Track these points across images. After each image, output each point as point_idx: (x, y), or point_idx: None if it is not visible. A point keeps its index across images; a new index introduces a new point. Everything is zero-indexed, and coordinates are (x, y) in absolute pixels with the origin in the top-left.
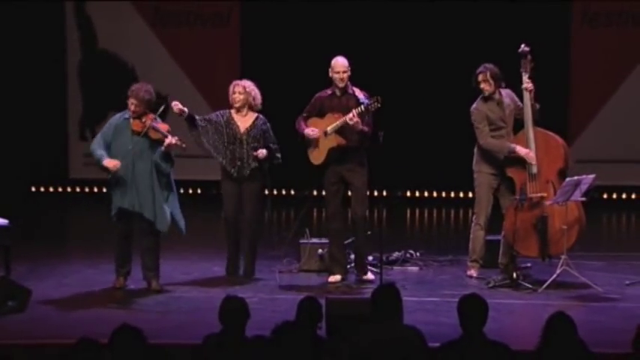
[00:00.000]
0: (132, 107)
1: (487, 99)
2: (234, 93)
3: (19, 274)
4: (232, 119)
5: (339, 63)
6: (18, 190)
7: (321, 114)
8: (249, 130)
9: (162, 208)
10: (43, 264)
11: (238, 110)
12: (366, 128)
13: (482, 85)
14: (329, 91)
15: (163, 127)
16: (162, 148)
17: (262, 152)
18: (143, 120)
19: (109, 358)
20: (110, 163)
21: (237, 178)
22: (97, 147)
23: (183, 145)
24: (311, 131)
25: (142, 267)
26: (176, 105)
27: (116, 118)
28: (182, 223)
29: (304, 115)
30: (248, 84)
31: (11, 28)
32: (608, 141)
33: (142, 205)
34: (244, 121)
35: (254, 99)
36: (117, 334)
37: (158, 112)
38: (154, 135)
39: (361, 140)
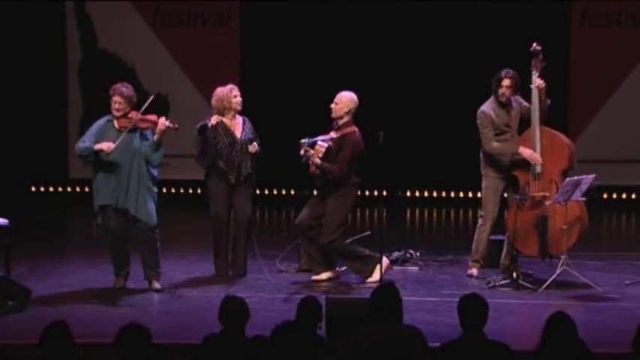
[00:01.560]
0: (116, 105)
1: (498, 103)
2: (235, 97)
3: (19, 273)
4: (225, 125)
5: (339, 94)
6: (18, 189)
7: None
8: (242, 134)
9: (146, 204)
10: (43, 264)
11: (224, 115)
12: (328, 167)
13: (504, 91)
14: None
15: (151, 116)
16: (155, 137)
17: (254, 146)
18: (129, 116)
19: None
20: (104, 145)
21: (235, 182)
22: (81, 145)
23: (176, 126)
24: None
25: (142, 266)
26: (215, 118)
27: (98, 122)
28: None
29: None
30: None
31: (11, 28)
32: (608, 141)
33: (126, 201)
34: (234, 125)
35: None
36: (124, 333)
37: (142, 109)
38: (143, 125)
39: (326, 176)
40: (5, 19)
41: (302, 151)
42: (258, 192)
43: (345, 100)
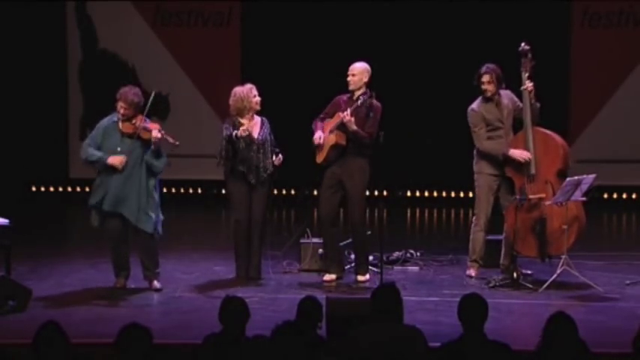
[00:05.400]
0: (121, 110)
1: (487, 99)
2: (254, 97)
3: (19, 273)
4: (243, 125)
5: (352, 66)
6: (18, 189)
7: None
8: (260, 134)
9: (146, 211)
10: (44, 264)
11: (250, 115)
12: (361, 132)
13: (485, 87)
14: (349, 94)
15: (153, 126)
16: (152, 146)
17: (279, 159)
18: (133, 122)
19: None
20: (115, 159)
21: (255, 184)
22: (91, 150)
23: (177, 143)
24: (318, 138)
25: (141, 267)
26: (244, 130)
27: (104, 121)
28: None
29: (321, 116)
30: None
31: (12, 28)
32: (609, 141)
33: (125, 208)
34: (252, 125)
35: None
36: (125, 333)
37: (145, 112)
38: (145, 135)
39: (359, 143)
40: (6, 19)
41: (345, 117)
42: None
43: (361, 69)
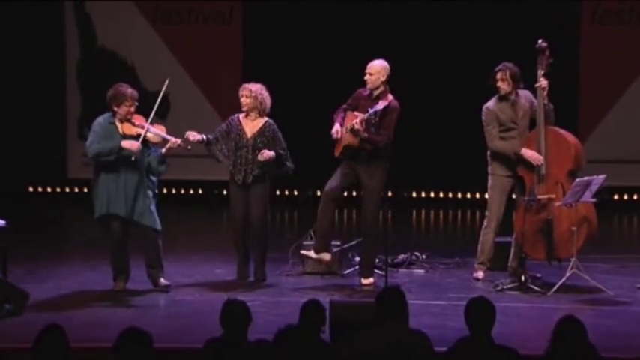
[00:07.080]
0: (132, 109)
1: (502, 98)
2: (241, 97)
3: (16, 276)
4: (240, 124)
5: (369, 64)
6: (16, 190)
7: (356, 109)
8: (255, 135)
9: (149, 210)
10: (42, 265)
11: (247, 114)
12: (372, 138)
13: (499, 84)
14: (369, 91)
15: (160, 128)
16: (164, 150)
17: (267, 154)
18: (132, 121)
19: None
20: (133, 145)
21: (242, 184)
22: (100, 145)
23: (189, 147)
24: (335, 132)
25: (145, 266)
26: (192, 135)
27: (100, 122)
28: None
29: (344, 106)
30: (255, 87)
31: (11, 26)
32: (618, 141)
33: (133, 211)
34: (252, 125)
35: (261, 103)
36: (124, 337)
37: (151, 118)
38: (153, 139)
39: (373, 147)
40: (4, 18)
41: (356, 125)
42: None
43: (379, 68)
